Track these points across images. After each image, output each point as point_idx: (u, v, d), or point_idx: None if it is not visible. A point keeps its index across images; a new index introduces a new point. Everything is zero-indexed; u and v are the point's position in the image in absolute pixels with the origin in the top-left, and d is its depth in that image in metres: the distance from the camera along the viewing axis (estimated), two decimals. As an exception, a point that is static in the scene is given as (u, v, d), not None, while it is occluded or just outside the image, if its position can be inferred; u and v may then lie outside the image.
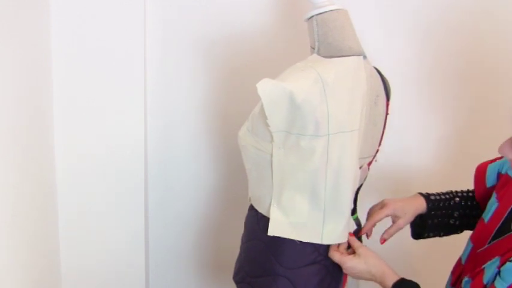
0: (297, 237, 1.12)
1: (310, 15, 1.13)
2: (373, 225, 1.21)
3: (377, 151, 1.23)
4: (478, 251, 1.03)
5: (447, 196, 1.21)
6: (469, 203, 1.19)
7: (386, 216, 1.19)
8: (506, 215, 1.00)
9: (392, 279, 1.06)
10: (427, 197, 1.20)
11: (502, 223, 1.00)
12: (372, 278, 1.10)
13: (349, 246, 1.16)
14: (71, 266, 1.56)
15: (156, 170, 1.65)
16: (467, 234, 1.16)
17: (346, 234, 1.14)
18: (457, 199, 1.20)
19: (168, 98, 1.60)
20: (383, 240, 1.20)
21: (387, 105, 1.20)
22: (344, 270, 1.13)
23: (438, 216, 1.19)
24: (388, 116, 1.22)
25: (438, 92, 1.63)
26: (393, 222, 1.20)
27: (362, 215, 1.28)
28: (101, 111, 1.46)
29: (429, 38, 1.57)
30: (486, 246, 1.00)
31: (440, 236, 1.23)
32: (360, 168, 1.15)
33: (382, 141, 1.23)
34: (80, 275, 1.57)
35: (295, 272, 1.13)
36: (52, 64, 1.40)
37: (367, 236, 1.24)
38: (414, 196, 1.22)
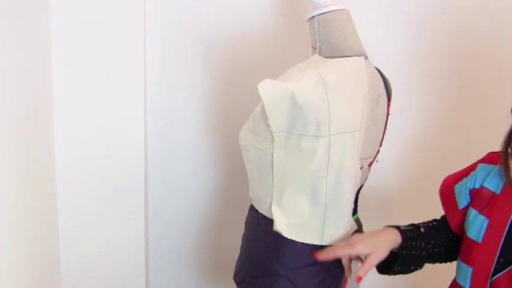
0: (298, 238, 1.11)
1: (311, 15, 1.13)
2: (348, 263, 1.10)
3: (378, 152, 1.23)
4: (495, 277, 0.94)
5: (414, 227, 1.10)
6: (434, 232, 1.10)
7: (355, 255, 1.07)
8: (506, 232, 0.94)
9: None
10: (398, 228, 1.07)
11: (504, 241, 0.94)
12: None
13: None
14: (71, 266, 1.56)
15: (156, 170, 1.65)
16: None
17: (347, 235, 1.13)
18: (422, 229, 1.09)
19: (168, 98, 1.60)
20: (358, 278, 1.03)
21: (388, 105, 1.20)
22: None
23: (409, 247, 1.06)
24: (389, 116, 1.22)
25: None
26: (364, 258, 1.05)
27: (362, 215, 1.28)
28: (101, 111, 1.46)
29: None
30: (504, 270, 0.93)
31: (410, 270, 1.09)
32: (361, 168, 1.14)
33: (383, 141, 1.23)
34: (80, 275, 1.57)
35: (296, 273, 1.13)
36: (52, 64, 1.40)
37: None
38: (384, 229, 1.07)
